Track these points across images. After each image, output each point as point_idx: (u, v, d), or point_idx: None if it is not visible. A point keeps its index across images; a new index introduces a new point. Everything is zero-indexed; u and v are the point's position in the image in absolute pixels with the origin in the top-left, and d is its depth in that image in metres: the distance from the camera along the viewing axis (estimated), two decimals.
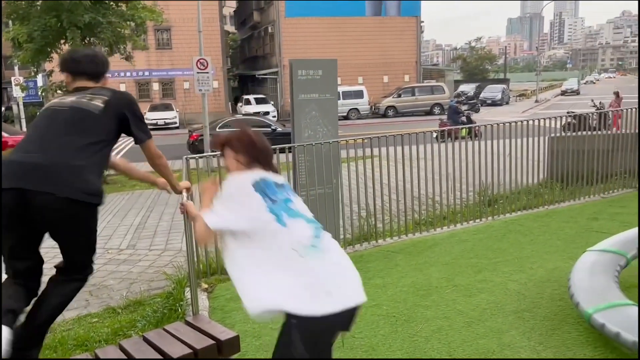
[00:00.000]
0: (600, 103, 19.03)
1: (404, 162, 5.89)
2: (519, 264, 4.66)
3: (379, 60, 34.12)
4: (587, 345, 3.16)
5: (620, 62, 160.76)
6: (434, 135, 7.84)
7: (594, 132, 7.96)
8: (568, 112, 11.13)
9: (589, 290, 3.24)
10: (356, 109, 30.23)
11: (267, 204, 2.06)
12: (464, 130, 11.91)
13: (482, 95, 38.98)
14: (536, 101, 41.23)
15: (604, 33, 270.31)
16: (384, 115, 31.08)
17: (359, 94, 30.61)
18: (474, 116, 23.73)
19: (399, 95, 31.73)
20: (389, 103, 31.57)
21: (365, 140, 5.73)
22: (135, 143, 2.64)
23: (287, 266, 2.01)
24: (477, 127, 7.75)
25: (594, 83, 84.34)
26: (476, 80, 49.54)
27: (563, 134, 8.20)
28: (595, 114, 9.55)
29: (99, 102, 2.46)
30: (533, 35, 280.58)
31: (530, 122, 7.15)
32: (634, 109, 7.71)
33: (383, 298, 4.06)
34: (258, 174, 2.15)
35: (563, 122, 8.46)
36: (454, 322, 3.58)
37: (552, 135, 8.46)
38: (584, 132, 7.98)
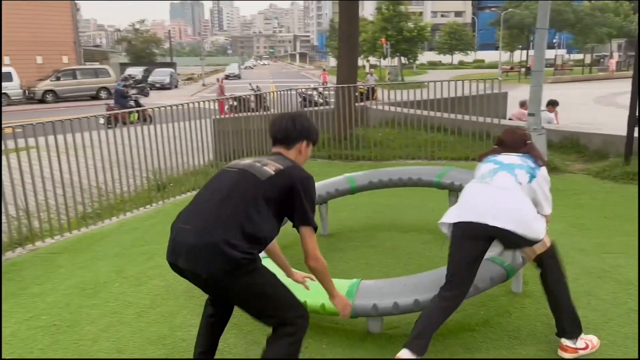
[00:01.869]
0: (257, 87, 21.08)
1: (68, 151, 5.33)
2: None
3: (29, 39, 29.99)
4: None
5: (271, 50, 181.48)
6: (101, 120, 7.36)
7: (253, 113, 8.75)
8: (230, 95, 11.95)
9: None
10: (5, 93, 26.02)
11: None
12: (133, 114, 11.58)
13: (150, 78, 38.51)
14: (203, 85, 43.06)
15: (257, 22, 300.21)
16: (42, 101, 27.68)
17: (7, 77, 26.32)
18: (143, 100, 23.35)
19: (58, 78, 28.69)
20: (47, 87, 28.23)
21: (19, 130, 4.95)
22: (294, 225, 2.36)
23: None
24: (146, 111, 7.61)
25: (252, 68, 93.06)
26: (144, 64, 48.67)
27: (228, 115, 8.76)
28: (253, 96, 10.43)
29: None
30: (196, 21, 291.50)
31: (199, 105, 7.37)
32: (286, 91, 8.78)
33: (41, 307, 3.61)
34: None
35: (228, 105, 8.99)
36: (123, 316, 3.43)
37: (215, 117, 8.96)
38: (246, 114, 8.70)
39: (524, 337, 3.01)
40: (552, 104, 10.31)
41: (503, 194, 2.69)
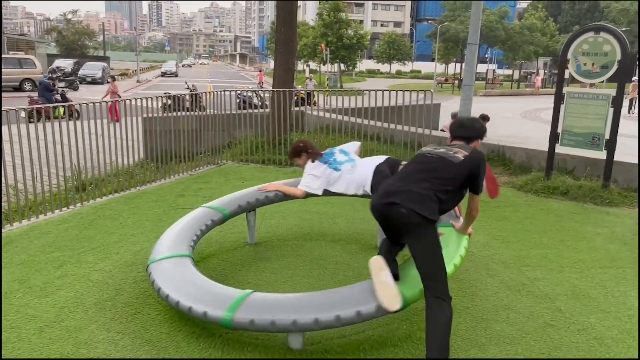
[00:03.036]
0: (193, 86, 20.56)
1: None
2: (106, 250, 4.50)
3: None
4: (165, 323, 3.26)
5: (211, 49, 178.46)
6: (22, 114, 6.85)
7: (187, 113, 8.41)
8: (165, 93, 11.49)
9: (158, 250, 3.45)
10: None
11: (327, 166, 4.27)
12: (59, 109, 10.87)
13: (81, 72, 36.81)
14: (138, 81, 41.68)
15: (197, 20, 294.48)
16: None
17: None
18: (72, 94, 22.24)
19: None
20: None
21: None
22: (471, 192, 3.06)
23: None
24: (73, 106, 7.16)
25: (191, 67, 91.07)
26: (75, 56, 46.54)
27: (161, 114, 8.39)
28: (188, 95, 10.07)
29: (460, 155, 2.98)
30: (133, 15, 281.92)
31: (130, 102, 7.00)
32: (223, 92, 8.53)
33: None
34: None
35: (161, 103, 8.62)
36: (23, 331, 3.14)
37: (145, 115, 8.58)
38: (179, 113, 8.35)
39: None
40: (483, 119, 10.66)
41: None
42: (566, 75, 6.90)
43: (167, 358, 2.91)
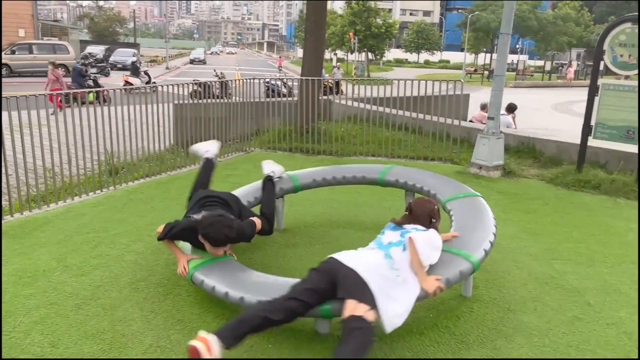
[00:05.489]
0: (221, 73, 20.69)
1: (14, 128, 5.04)
2: (138, 233, 4.62)
3: None
4: (195, 304, 3.36)
5: (239, 37, 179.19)
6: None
7: (216, 101, 8.50)
8: (194, 80, 11.62)
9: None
10: None
11: None
12: (91, 94, 11.08)
13: (112, 58, 37.39)
14: (167, 68, 42.11)
15: (226, 8, 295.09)
16: None
17: None
18: (103, 80, 22.65)
19: (13, 52, 27.51)
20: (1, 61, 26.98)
21: None
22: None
23: None
24: (105, 92, 7.33)
25: (219, 54, 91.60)
26: (106, 43, 47.22)
27: (190, 101, 8.50)
28: (217, 83, 10.14)
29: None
30: (162, 3, 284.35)
31: (160, 88, 7.13)
32: (251, 79, 8.60)
33: None
34: None
35: (190, 90, 8.73)
36: (61, 308, 3.27)
37: (176, 102, 8.70)
38: (208, 100, 8.45)
39: (470, 342, 3.01)
40: (511, 109, 10.49)
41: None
42: (600, 67, 6.75)
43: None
